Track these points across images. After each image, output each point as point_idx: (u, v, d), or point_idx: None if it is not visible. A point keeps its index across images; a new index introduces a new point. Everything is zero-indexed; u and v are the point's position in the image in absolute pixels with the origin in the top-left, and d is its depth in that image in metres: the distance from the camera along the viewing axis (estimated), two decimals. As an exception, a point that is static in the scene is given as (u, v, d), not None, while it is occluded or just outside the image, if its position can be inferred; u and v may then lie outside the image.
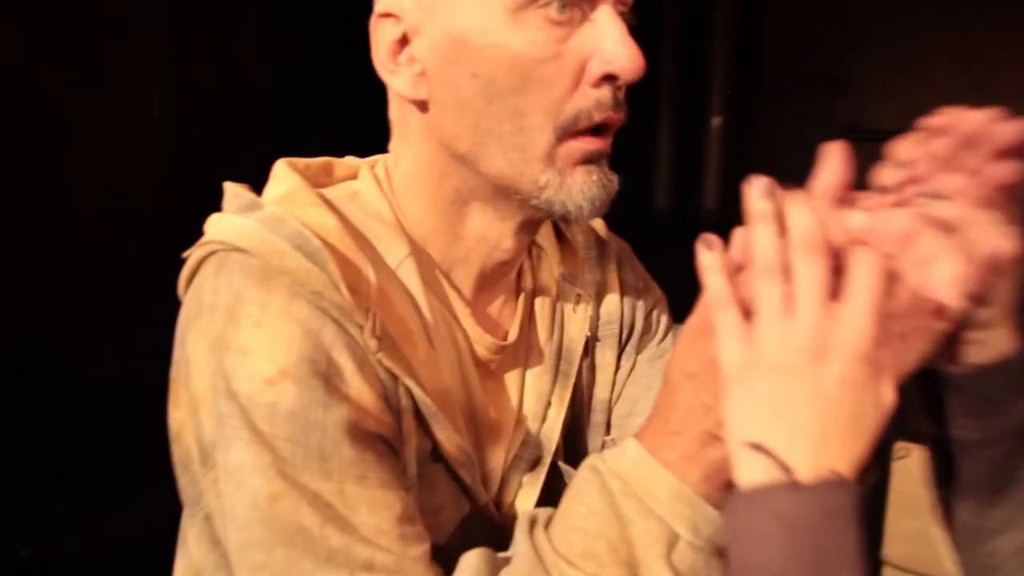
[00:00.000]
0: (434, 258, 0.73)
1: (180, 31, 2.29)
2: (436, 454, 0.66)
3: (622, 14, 0.66)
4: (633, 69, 0.63)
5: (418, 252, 0.71)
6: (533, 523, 0.60)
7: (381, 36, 0.68)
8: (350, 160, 0.78)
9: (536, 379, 0.78)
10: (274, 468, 0.58)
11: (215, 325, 0.61)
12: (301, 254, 0.61)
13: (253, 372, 0.59)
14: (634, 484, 0.57)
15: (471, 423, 0.71)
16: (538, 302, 0.80)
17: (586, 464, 0.61)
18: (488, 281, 0.75)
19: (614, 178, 0.68)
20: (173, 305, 0.68)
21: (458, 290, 0.74)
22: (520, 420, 0.76)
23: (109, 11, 2.11)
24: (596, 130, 0.66)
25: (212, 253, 0.64)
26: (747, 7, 3.78)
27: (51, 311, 1.95)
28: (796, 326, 0.50)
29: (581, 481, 0.60)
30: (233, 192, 0.68)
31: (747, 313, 0.53)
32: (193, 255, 0.65)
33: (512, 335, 0.76)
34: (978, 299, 0.54)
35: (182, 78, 2.26)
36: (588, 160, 0.66)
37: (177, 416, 0.66)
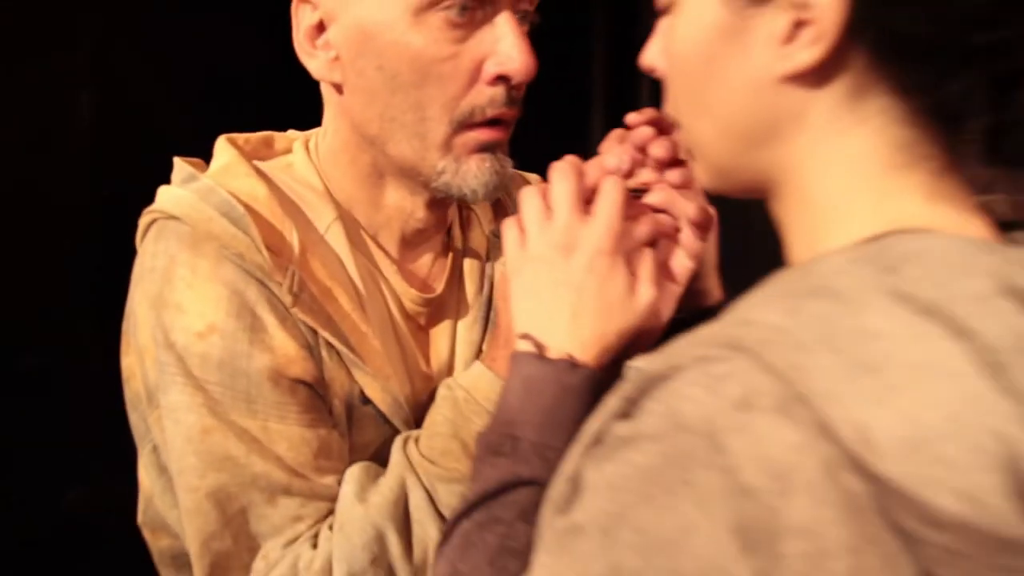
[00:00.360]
0: (360, 222, 0.79)
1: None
2: (364, 398, 0.74)
3: (525, 13, 0.72)
4: (524, 71, 0.69)
5: (345, 217, 0.78)
6: (406, 440, 0.72)
7: (300, 20, 0.73)
8: (290, 133, 0.84)
9: (467, 329, 0.83)
10: (206, 407, 0.69)
11: (154, 286, 0.71)
12: (227, 220, 0.69)
13: (186, 327, 0.69)
14: (474, 391, 0.70)
15: (404, 371, 0.78)
16: (467, 260, 0.86)
17: (443, 384, 0.74)
18: (412, 243, 0.82)
19: (507, 163, 0.75)
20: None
21: (385, 251, 0.80)
22: (452, 367, 0.82)
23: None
24: (492, 122, 0.72)
25: (154, 221, 0.73)
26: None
27: None
28: (551, 225, 0.62)
29: (440, 398, 0.73)
30: (178, 166, 0.75)
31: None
32: (141, 222, 0.74)
33: (438, 289, 0.83)
34: (696, 257, 0.66)
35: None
36: (482, 149, 0.72)
37: (127, 362, 0.76)
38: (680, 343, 0.41)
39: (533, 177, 0.92)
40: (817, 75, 0.44)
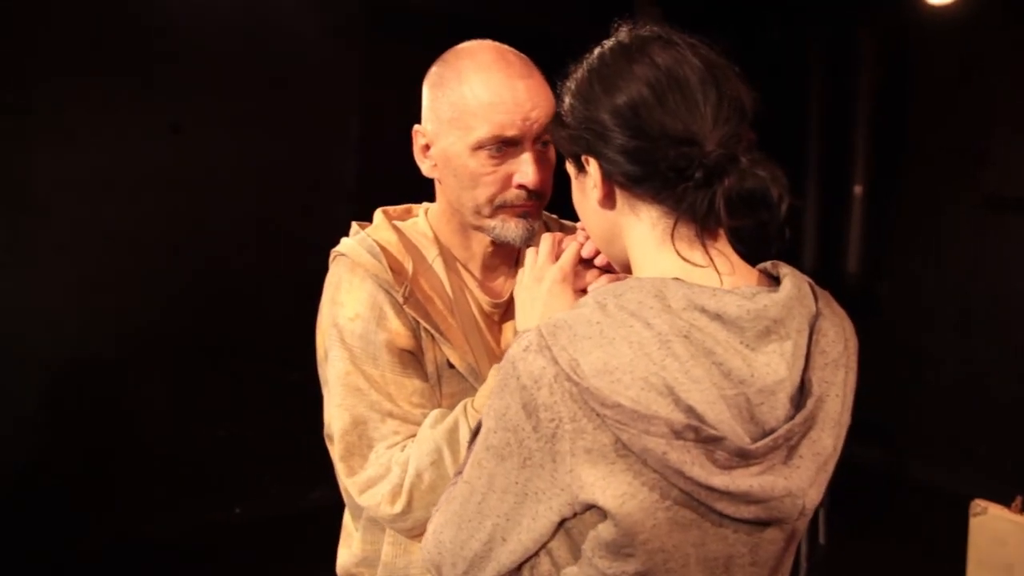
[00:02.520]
0: (455, 256, 1.25)
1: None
2: (450, 364, 1.17)
3: (544, 142, 1.15)
4: (535, 183, 1.13)
5: (445, 253, 1.24)
6: (473, 397, 1.13)
7: (416, 142, 1.22)
8: (423, 204, 1.33)
9: None
10: (349, 360, 1.14)
11: (330, 291, 1.18)
12: (369, 255, 1.17)
13: (344, 314, 1.15)
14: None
15: (483, 350, 1.21)
16: None
17: (495, 366, 1.11)
18: (489, 268, 1.27)
19: (536, 223, 1.18)
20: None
21: (471, 273, 1.26)
22: None
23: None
24: (521, 207, 1.17)
25: (335, 256, 1.22)
26: (891, 77, 3.88)
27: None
28: (535, 267, 1.04)
29: (491, 371, 1.13)
30: (353, 226, 1.26)
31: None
32: (331, 257, 1.23)
33: (505, 295, 1.26)
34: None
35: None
36: (517, 216, 1.17)
37: (318, 338, 1.21)
38: None
39: (568, 224, 1.35)
40: (610, 201, 0.85)
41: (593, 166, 0.85)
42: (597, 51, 0.88)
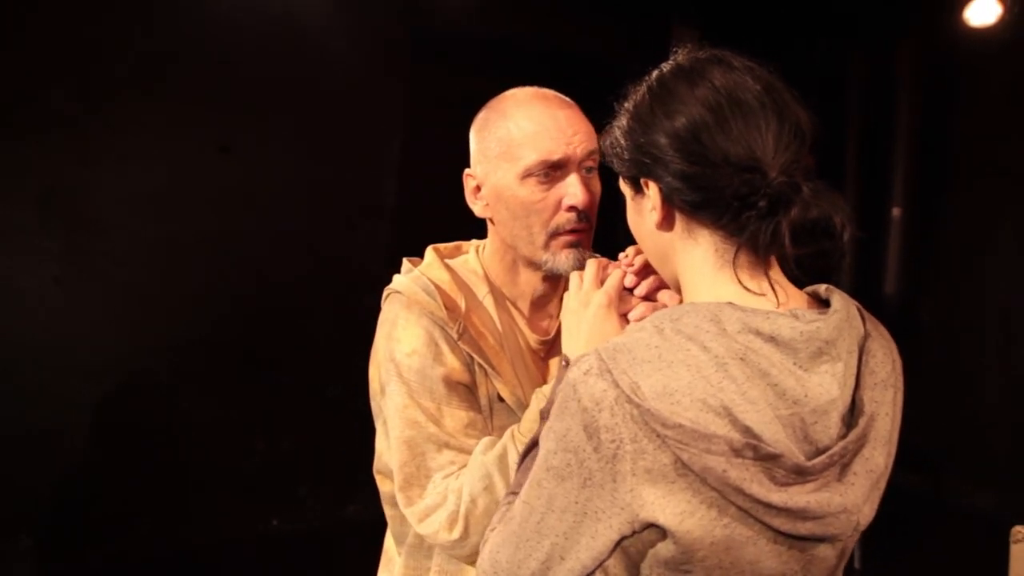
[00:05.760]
0: (505, 293, 1.31)
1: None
2: (500, 398, 1.22)
3: (590, 168, 1.21)
4: (584, 203, 1.19)
5: (495, 290, 1.30)
6: (515, 426, 1.17)
7: (467, 184, 1.29)
8: (473, 242, 1.39)
9: None
10: (407, 394, 1.18)
11: (386, 328, 1.23)
12: (425, 293, 1.21)
13: (401, 350, 1.20)
14: (546, 392, 1.12)
15: (530, 384, 1.26)
16: None
17: (538, 390, 1.17)
18: (537, 305, 1.32)
19: (586, 253, 1.22)
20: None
21: (520, 310, 1.31)
22: None
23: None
24: (572, 231, 1.22)
25: (389, 294, 1.26)
26: (932, 98, 3.86)
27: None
28: (581, 292, 1.07)
29: (534, 399, 1.16)
30: (404, 264, 1.30)
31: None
32: (384, 294, 1.28)
33: (551, 333, 1.31)
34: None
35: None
36: (569, 246, 1.22)
37: (371, 372, 1.27)
38: None
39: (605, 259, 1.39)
40: (668, 223, 0.84)
41: (653, 189, 0.86)
42: (656, 73, 0.89)
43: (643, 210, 0.89)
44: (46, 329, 2.57)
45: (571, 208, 1.18)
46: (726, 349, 0.75)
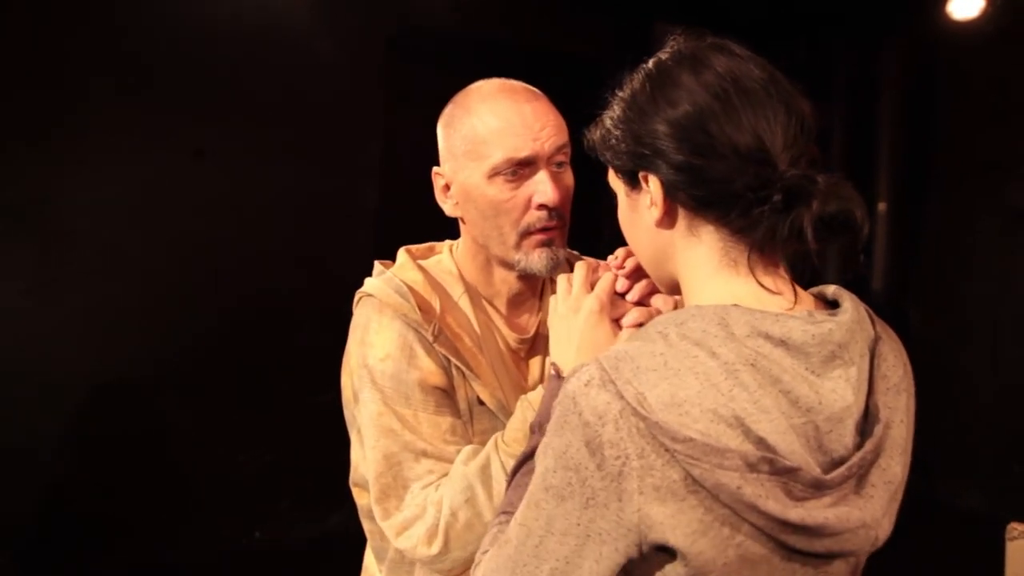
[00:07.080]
0: (481, 293, 1.24)
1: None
2: (479, 400, 1.16)
3: (560, 163, 1.14)
4: (555, 200, 1.12)
5: (470, 290, 1.23)
6: (499, 433, 1.11)
7: (436, 183, 1.22)
8: (446, 242, 1.32)
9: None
10: (381, 401, 1.12)
11: (358, 333, 1.17)
12: (397, 295, 1.15)
13: (374, 355, 1.13)
14: (534, 403, 1.07)
15: (510, 386, 1.20)
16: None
17: (522, 397, 1.11)
18: (514, 303, 1.25)
19: (561, 251, 1.16)
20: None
21: (497, 309, 1.25)
22: (542, 383, 1.19)
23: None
24: (544, 230, 1.15)
25: (361, 297, 1.20)
26: (915, 93, 3.84)
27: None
28: (570, 297, 0.99)
29: (518, 406, 1.10)
30: (376, 266, 1.24)
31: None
32: (355, 297, 1.22)
33: (531, 333, 1.25)
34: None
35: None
36: (542, 244, 1.15)
37: (343, 379, 1.20)
38: None
39: (591, 259, 1.31)
40: (669, 220, 0.79)
41: (654, 184, 0.79)
42: (653, 60, 0.82)
43: (639, 207, 0.82)
44: (17, 343, 2.51)
45: (541, 206, 1.12)
46: (736, 355, 0.69)
